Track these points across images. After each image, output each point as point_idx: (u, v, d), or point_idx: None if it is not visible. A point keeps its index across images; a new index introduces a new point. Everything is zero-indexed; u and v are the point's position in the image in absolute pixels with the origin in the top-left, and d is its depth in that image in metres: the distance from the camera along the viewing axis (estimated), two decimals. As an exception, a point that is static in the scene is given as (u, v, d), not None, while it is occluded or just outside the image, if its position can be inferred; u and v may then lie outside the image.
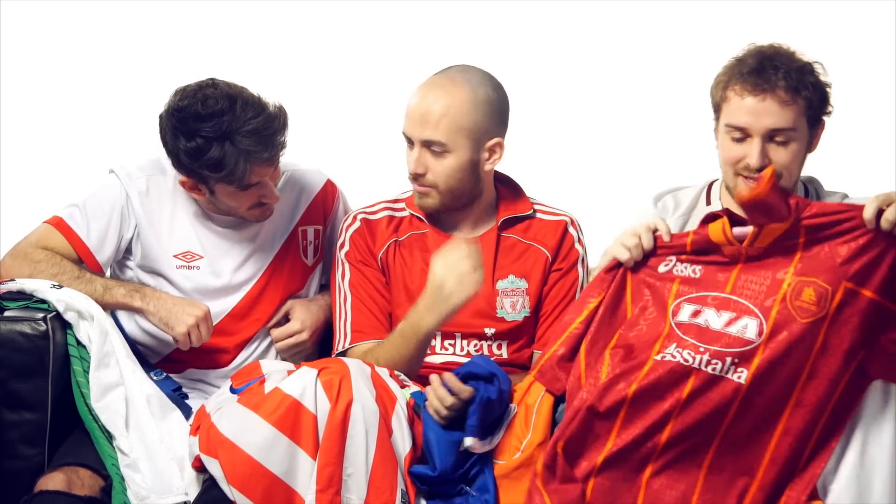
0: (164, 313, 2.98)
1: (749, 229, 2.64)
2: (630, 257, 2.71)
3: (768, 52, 2.80)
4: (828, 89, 2.82)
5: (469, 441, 2.72)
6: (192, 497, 2.81)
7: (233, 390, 2.87)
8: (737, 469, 2.60)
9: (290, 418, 2.68)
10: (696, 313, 2.64)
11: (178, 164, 2.98)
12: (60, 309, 2.88)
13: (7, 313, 2.88)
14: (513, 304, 3.04)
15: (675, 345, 2.62)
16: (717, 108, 2.84)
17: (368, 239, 3.06)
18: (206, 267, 3.09)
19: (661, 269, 2.70)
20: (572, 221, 3.10)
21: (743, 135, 2.79)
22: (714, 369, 2.59)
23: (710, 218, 2.69)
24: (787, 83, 2.76)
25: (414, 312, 2.87)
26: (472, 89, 2.95)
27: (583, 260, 3.08)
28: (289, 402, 2.68)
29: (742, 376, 2.57)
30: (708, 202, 2.97)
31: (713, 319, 2.62)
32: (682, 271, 2.68)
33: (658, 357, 2.62)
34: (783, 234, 2.62)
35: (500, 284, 3.04)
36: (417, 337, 2.88)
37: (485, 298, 3.02)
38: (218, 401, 2.86)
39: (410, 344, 2.89)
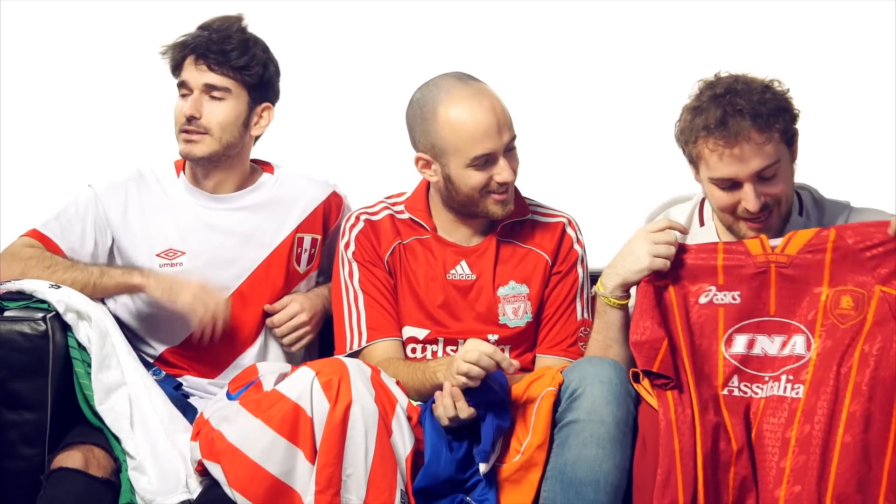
0: (166, 285, 2.98)
1: (779, 239, 2.72)
2: (665, 264, 2.74)
3: (723, 94, 2.74)
4: (790, 99, 2.79)
5: (483, 468, 2.73)
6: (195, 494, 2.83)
7: (229, 396, 2.87)
8: (809, 474, 2.63)
9: (290, 421, 2.68)
10: (750, 343, 2.70)
11: None
12: (60, 310, 2.88)
13: (7, 313, 2.88)
14: (514, 310, 3.03)
15: (736, 377, 2.70)
16: (692, 161, 2.82)
17: (374, 240, 3.04)
18: (188, 263, 3.08)
19: (703, 299, 2.73)
20: (570, 222, 3.09)
21: (731, 183, 2.77)
22: (773, 390, 2.68)
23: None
24: (755, 124, 2.71)
25: (442, 364, 2.84)
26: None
27: (582, 260, 3.07)
28: (287, 405, 2.69)
29: (799, 391, 2.66)
30: (701, 223, 2.95)
31: (769, 346, 2.70)
32: (722, 300, 2.72)
33: (725, 392, 2.70)
34: (812, 240, 2.70)
35: (501, 291, 3.03)
36: (433, 384, 2.85)
37: (486, 305, 3.02)
38: (216, 407, 2.86)
39: (428, 386, 2.87)
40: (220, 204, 3.12)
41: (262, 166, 3.20)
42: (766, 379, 2.69)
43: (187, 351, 3.09)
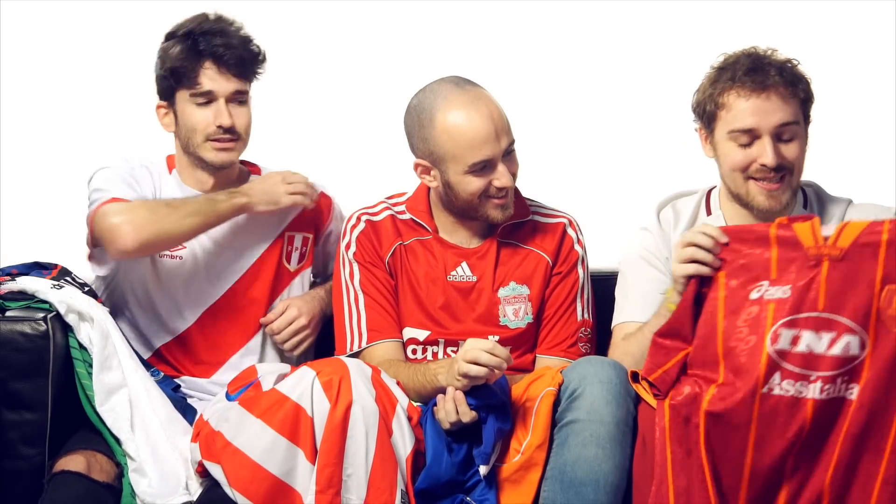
0: (265, 195, 3.03)
1: (832, 228, 2.61)
2: (696, 268, 2.65)
3: (752, 54, 2.80)
4: (811, 84, 2.83)
5: (483, 469, 2.73)
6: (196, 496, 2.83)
7: (229, 397, 2.88)
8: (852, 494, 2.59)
9: (290, 420, 2.69)
10: (795, 340, 2.58)
11: (157, 86, 3.06)
12: (62, 311, 2.88)
13: (8, 313, 2.88)
14: (515, 312, 3.03)
15: (778, 374, 2.59)
16: (712, 119, 2.82)
17: (375, 241, 3.04)
18: (188, 257, 3.07)
19: (754, 295, 2.63)
20: (571, 222, 3.09)
21: (750, 137, 2.78)
22: (828, 394, 2.58)
23: (796, 219, 2.65)
24: (783, 78, 2.76)
25: (443, 366, 2.83)
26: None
27: (582, 260, 3.07)
28: (288, 405, 2.69)
29: (853, 392, 2.57)
30: (708, 212, 2.95)
31: (815, 343, 2.58)
32: (773, 295, 2.61)
33: (764, 390, 2.59)
34: (864, 231, 2.59)
35: (502, 292, 3.03)
36: (435, 386, 2.85)
37: (487, 307, 3.02)
38: (215, 408, 2.87)
39: (429, 389, 2.87)
40: None
41: (249, 167, 3.20)
42: (814, 378, 2.58)
43: (183, 345, 3.09)
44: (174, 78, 3.01)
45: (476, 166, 2.92)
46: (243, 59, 3.01)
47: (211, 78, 3.01)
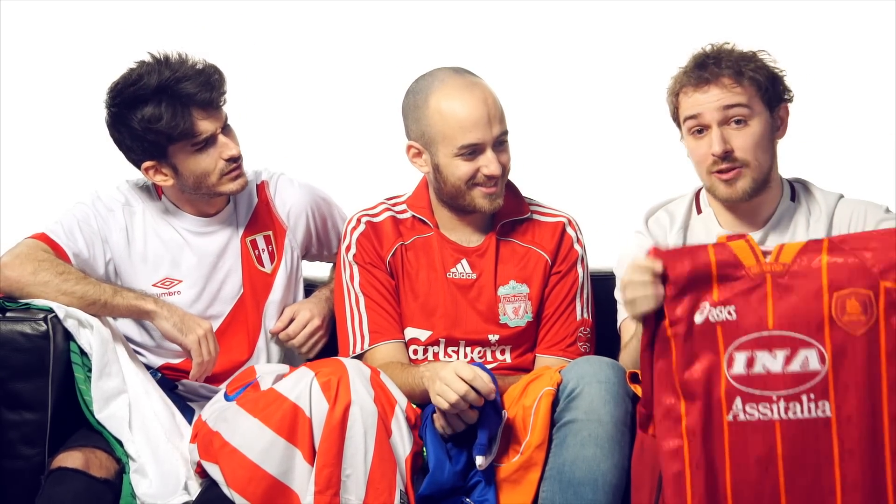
0: (177, 319, 2.95)
1: (772, 246, 2.55)
2: (648, 303, 2.54)
3: (708, 51, 2.85)
4: (779, 73, 2.86)
5: (480, 460, 2.73)
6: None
7: (227, 397, 2.88)
8: None
9: (288, 421, 2.69)
10: (750, 362, 2.51)
11: (133, 151, 2.98)
12: (61, 315, 2.86)
13: (8, 313, 2.88)
14: (515, 310, 3.04)
15: (739, 399, 2.50)
16: (676, 118, 2.89)
17: (375, 242, 3.04)
18: (186, 290, 3.06)
19: (698, 318, 2.54)
20: (570, 222, 3.10)
21: (701, 125, 2.82)
22: (794, 413, 2.50)
23: (731, 238, 2.58)
24: (729, 70, 2.80)
25: (429, 370, 2.83)
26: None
27: (582, 259, 3.08)
28: (286, 405, 2.70)
29: (826, 409, 2.49)
30: (698, 210, 2.97)
31: (770, 362, 2.50)
32: (717, 316, 2.53)
33: (730, 418, 2.51)
34: (806, 245, 2.54)
35: (502, 290, 3.03)
36: (422, 389, 2.85)
37: (487, 305, 3.02)
38: (213, 408, 2.87)
39: (417, 392, 2.87)
40: (208, 227, 3.10)
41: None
42: (775, 399, 2.50)
43: (183, 370, 3.06)
44: (166, 137, 2.93)
45: (465, 149, 2.92)
46: (219, 93, 2.97)
47: (204, 122, 2.95)
